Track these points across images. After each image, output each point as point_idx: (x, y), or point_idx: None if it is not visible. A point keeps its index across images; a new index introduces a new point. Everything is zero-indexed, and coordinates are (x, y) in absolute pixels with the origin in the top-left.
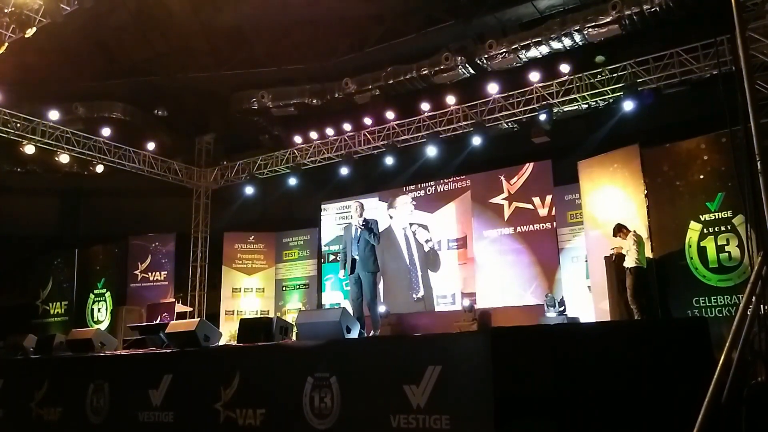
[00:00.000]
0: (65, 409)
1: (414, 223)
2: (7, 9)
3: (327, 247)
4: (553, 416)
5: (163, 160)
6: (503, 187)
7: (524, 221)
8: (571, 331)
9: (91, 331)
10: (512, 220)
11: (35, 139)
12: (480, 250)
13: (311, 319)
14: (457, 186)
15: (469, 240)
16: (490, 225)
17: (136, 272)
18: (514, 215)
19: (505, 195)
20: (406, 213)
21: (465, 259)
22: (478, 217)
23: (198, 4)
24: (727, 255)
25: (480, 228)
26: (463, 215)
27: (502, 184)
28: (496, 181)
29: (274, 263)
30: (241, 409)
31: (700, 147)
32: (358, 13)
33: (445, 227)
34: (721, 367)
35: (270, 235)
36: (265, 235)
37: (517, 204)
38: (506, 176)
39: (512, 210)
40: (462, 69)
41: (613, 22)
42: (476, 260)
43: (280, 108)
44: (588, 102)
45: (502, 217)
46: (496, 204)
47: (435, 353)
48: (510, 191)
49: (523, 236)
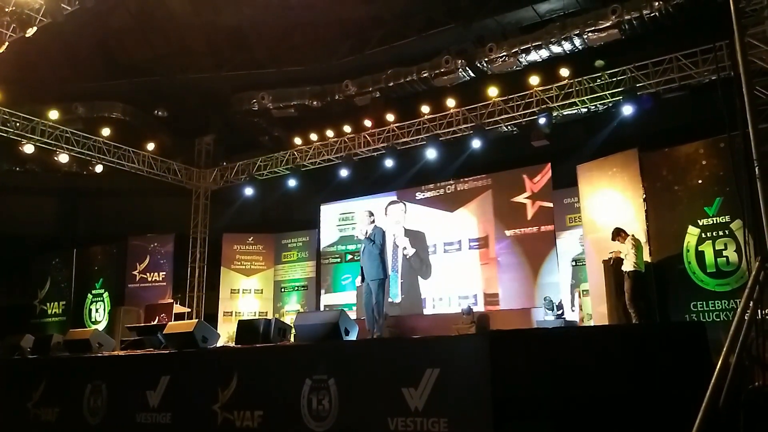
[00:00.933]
0: (62, 409)
1: (396, 233)
2: (8, 8)
3: (334, 247)
4: (551, 419)
5: (163, 160)
6: (526, 186)
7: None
8: (570, 335)
9: (89, 332)
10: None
11: (35, 139)
12: (500, 250)
13: (309, 320)
14: (478, 185)
15: (490, 240)
16: (512, 224)
17: (135, 273)
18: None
19: (528, 194)
20: (393, 221)
21: (487, 259)
22: (499, 216)
23: (199, 6)
24: (725, 260)
25: (502, 227)
26: (483, 215)
27: (525, 182)
28: (518, 179)
29: (273, 264)
30: (238, 410)
31: (699, 152)
32: (359, 15)
33: (466, 227)
34: (718, 372)
35: (269, 236)
36: (264, 236)
37: (541, 203)
38: (528, 175)
39: (536, 209)
40: (462, 72)
41: (612, 26)
42: (498, 260)
43: (280, 109)
44: (587, 106)
45: (525, 216)
46: (519, 203)
47: (433, 356)
48: (533, 190)
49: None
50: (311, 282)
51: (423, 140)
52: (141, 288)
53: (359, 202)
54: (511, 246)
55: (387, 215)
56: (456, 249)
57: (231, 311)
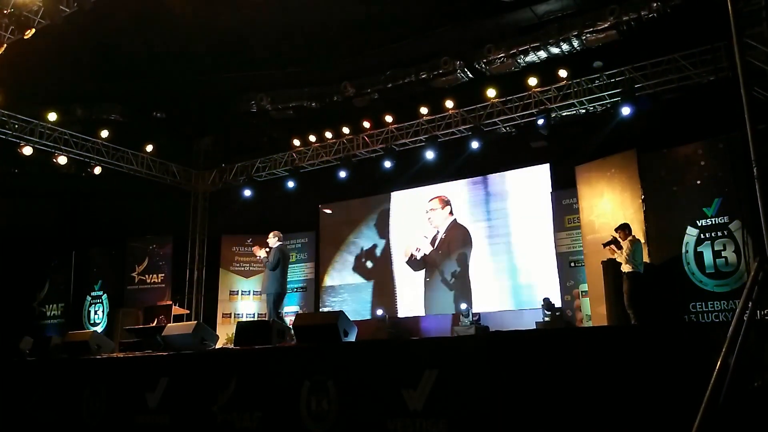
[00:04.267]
0: (61, 411)
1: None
2: (7, 10)
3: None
4: (551, 420)
5: (161, 162)
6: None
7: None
8: (569, 336)
9: (88, 334)
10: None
11: (33, 141)
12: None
13: (308, 322)
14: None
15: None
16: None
17: (134, 274)
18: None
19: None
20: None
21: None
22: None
23: (197, 8)
24: (723, 260)
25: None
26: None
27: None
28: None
29: None
30: (237, 412)
31: (698, 152)
32: (358, 16)
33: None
34: (717, 373)
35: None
36: (262, 238)
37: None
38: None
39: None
40: (460, 73)
41: (610, 27)
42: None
43: (279, 111)
44: (586, 107)
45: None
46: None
47: (433, 357)
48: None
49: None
50: (310, 284)
51: (422, 141)
52: (140, 290)
53: (358, 201)
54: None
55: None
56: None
57: (230, 313)
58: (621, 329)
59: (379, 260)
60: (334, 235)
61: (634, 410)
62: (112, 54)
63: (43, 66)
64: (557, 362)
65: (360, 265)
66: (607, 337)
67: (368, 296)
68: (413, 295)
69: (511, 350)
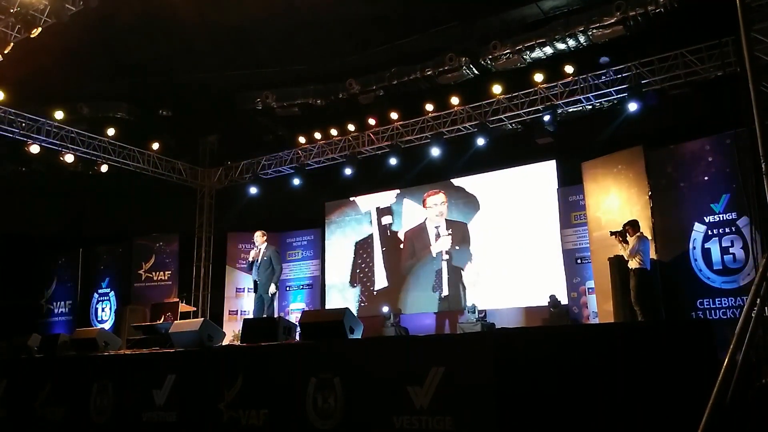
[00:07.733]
0: (68, 408)
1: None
2: (13, 9)
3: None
4: (557, 417)
5: (168, 160)
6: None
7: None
8: (575, 333)
9: (95, 331)
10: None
11: (40, 139)
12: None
13: (314, 319)
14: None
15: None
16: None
17: (140, 272)
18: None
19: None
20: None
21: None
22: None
23: (203, 6)
24: (731, 257)
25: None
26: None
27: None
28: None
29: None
30: (244, 409)
31: (705, 148)
32: (362, 14)
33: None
34: (725, 369)
35: (273, 235)
36: (268, 235)
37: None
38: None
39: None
40: (466, 70)
41: (617, 23)
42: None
43: (284, 108)
44: (592, 103)
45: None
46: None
47: (439, 354)
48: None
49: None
50: (316, 281)
51: (427, 138)
52: (147, 287)
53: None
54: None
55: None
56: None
57: (236, 310)
58: (628, 326)
59: (384, 256)
60: (343, 234)
61: (641, 407)
62: (118, 52)
63: (50, 64)
64: (563, 359)
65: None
66: (614, 333)
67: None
68: (419, 292)
69: (518, 347)
